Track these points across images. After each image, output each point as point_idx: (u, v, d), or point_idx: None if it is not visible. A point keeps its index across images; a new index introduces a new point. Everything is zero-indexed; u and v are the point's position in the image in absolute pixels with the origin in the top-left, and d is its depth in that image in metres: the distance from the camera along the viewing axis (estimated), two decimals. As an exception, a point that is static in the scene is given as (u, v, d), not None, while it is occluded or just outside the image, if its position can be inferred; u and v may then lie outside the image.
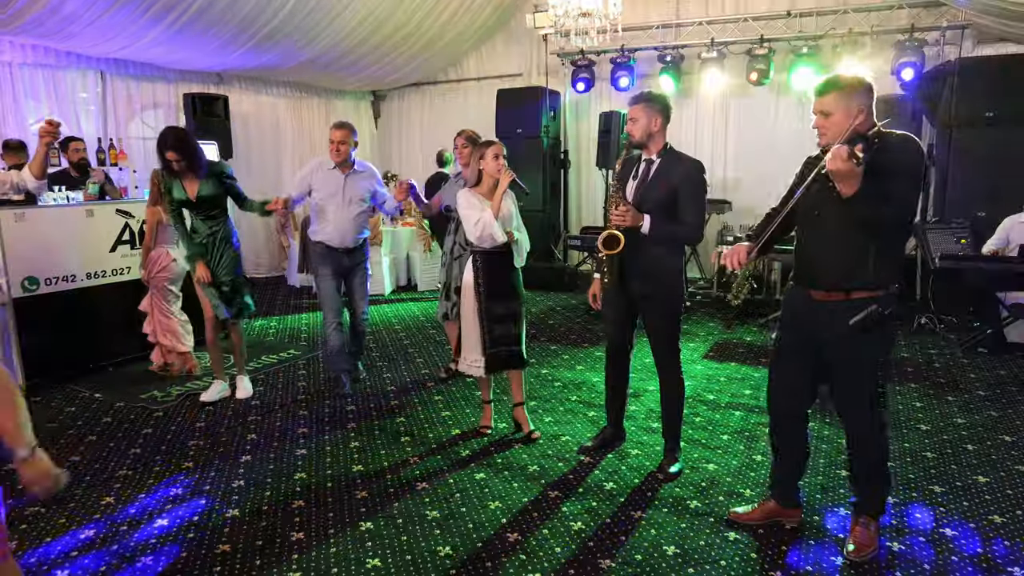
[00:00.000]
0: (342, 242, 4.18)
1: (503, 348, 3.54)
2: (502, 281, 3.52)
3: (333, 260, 4.20)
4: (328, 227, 4.17)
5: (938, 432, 3.76)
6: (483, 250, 3.48)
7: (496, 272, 3.51)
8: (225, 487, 3.15)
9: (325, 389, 4.51)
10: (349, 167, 4.18)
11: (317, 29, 7.27)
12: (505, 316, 3.53)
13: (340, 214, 4.15)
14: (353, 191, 4.18)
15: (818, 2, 7.41)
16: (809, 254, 2.49)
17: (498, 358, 3.56)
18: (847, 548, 2.57)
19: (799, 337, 2.56)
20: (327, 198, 4.15)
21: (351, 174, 4.20)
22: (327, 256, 4.20)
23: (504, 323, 3.53)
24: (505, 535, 2.74)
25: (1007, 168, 6.19)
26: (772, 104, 7.84)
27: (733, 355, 5.28)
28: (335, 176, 4.16)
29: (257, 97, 8.76)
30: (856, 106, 2.29)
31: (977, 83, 6.19)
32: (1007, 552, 2.62)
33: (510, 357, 3.57)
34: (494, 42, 9.42)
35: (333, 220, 4.15)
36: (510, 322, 3.54)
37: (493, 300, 3.51)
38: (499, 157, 3.43)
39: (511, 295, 3.54)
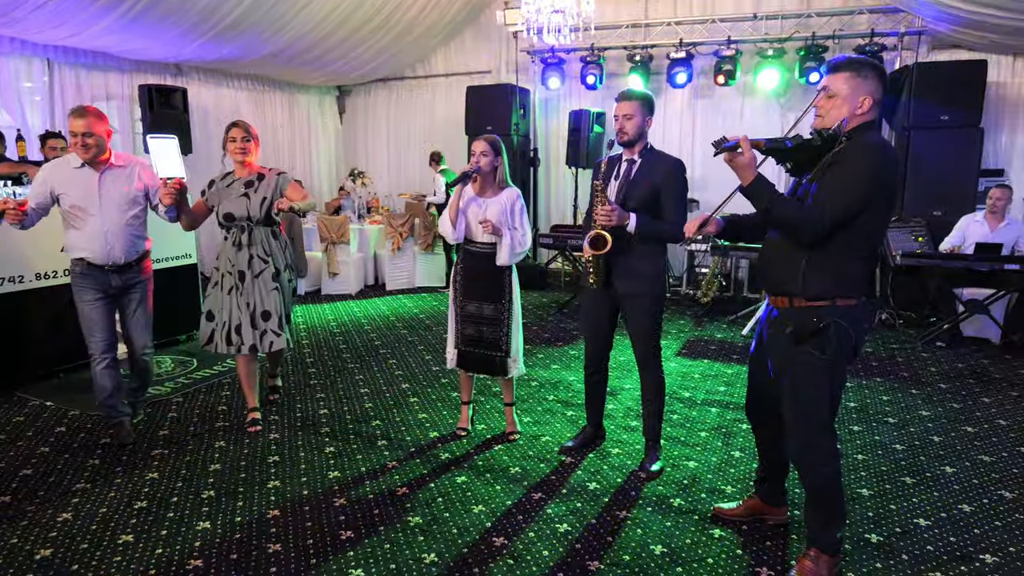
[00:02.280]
0: (108, 258, 3.40)
1: (475, 350, 3.50)
2: (479, 281, 3.46)
3: (97, 281, 3.43)
4: (86, 239, 3.37)
5: (905, 425, 3.85)
6: (464, 247, 3.48)
7: (471, 271, 3.47)
8: (195, 498, 3.02)
9: (296, 392, 4.39)
10: (105, 163, 3.41)
11: (281, 22, 7.08)
12: (478, 317, 3.47)
13: (101, 222, 3.37)
14: (114, 192, 3.41)
15: (782, 6, 7.55)
16: (761, 255, 2.48)
17: (468, 358, 3.53)
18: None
19: (762, 338, 2.54)
20: (79, 204, 3.35)
21: (108, 171, 3.41)
22: (88, 276, 3.42)
23: (477, 324, 3.47)
24: (491, 539, 2.69)
25: (960, 170, 6.43)
26: (738, 104, 7.97)
27: (705, 352, 5.34)
28: (85, 176, 3.37)
29: (217, 90, 8.50)
30: (863, 94, 2.17)
31: (932, 87, 6.40)
32: (978, 539, 2.69)
33: (482, 360, 3.51)
34: (463, 38, 9.34)
35: (92, 231, 3.37)
36: (485, 325, 3.46)
37: (467, 299, 3.48)
38: (474, 153, 3.40)
39: (488, 297, 3.45)
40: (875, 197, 2.13)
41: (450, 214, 3.40)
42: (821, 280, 2.21)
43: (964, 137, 6.40)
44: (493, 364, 3.50)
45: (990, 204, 5.46)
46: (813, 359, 2.25)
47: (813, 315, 2.22)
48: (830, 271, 2.20)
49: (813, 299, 2.23)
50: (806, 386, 2.29)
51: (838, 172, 2.14)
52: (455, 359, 3.56)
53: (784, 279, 2.29)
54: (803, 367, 2.28)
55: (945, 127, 6.40)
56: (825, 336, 2.21)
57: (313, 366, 4.95)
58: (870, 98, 2.18)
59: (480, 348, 3.49)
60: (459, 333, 3.52)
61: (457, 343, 3.54)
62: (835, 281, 2.20)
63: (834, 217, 2.12)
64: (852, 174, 2.12)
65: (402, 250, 7.70)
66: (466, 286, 3.48)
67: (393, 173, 10.21)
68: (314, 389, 4.45)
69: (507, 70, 8.97)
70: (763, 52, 7.33)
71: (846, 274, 2.21)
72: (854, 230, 2.16)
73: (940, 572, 2.48)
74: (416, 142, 9.94)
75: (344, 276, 7.49)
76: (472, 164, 3.37)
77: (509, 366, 3.48)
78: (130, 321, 3.60)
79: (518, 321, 3.49)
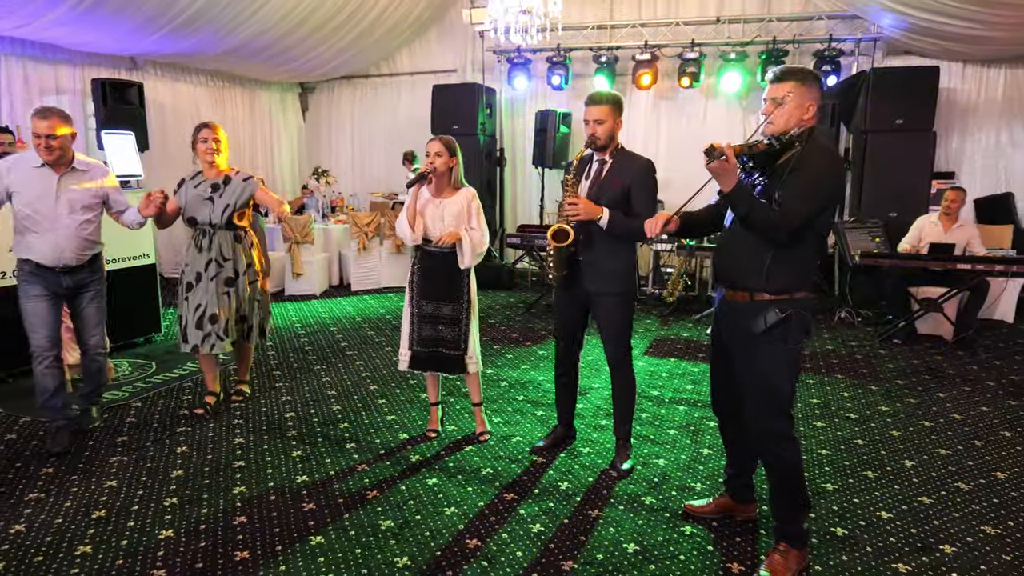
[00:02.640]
0: (58, 260, 3.29)
1: (435, 349, 3.48)
2: (436, 281, 3.44)
3: (47, 281, 3.31)
4: (36, 241, 3.26)
5: (866, 420, 3.96)
6: (420, 247, 3.45)
7: (430, 271, 3.45)
8: (156, 506, 2.92)
9: (260, 395, 4.29)
10: (66, 165, 3.31)
11: (240, 18, 6.91)
12: (436, 317, 3.45)
13: (53, 225, 3.26)
14: (72, 196, 3.31)
15: (744, 10, 7.69)
16: (719, 251, 2.54)
17: (424, 358, 3.50)
18: (759, 573, 2.45)
19: (720, 333, 2.60)
20: (33, 204, 3.24)
21: (68, 173, 3.31)
22: (37, 276, 3.30)
23: (434, 325, 3.46)
24: (464, 541, 2.67)
25: (915, 172, 6.65)
26: (702, 106, 8.09)
27: (672, 351, 5.40)
28: (43, 176, 3.26)
29: (175, 85, 8.25)
30: (809, 101, 2.31)
31: (888, 92, 6.60)
32: (937, 531, 2.77)
33: (441, 360, 3.49)
34: (428, 37, 9.28)
35: (44, 232, 3.26)
36: (443, 324, 3.45)
37: (424, 299, 3.46)
38: (429, 154, 3.37)
39: (446, 297, 3.43)
40: (832, 197, 2.33)
41: (408, 216, 3.37)
42: (784, 275, 2.32)
43: (918, 140, 6.61)
44: (452, 363, 3.49)
45: (945, 206, 5.64)
46: (776, 350, 2.35)
47: (775, 307, 2.32)
48: (791, 266, 2.33)
49: (776, 293, 2.33)
50: (771, 376, 2.38)
51: (802, 176, 2.25)
52: (408, 360, 3.52)
53: (746, 275, 2.37)
54: (767, 358, 2.37)
55: (900, 130, 6.61)
56: (788, 327, 2.32)
57: (278, 368, 4.85)
58: (814, 104, 2.32)
59: (440, 348, 3.48)
60: (415, 334, 3.49)
61: (412, 344, 3.50)
62: (795, 275, 2.34)
63: (804, 219, 2.24)
64: (816, 177, 2.25)
65: (368, 250, 7.60)
66: (424, 287, 3.45)
67: (357, 172, 10.08)
68: (279, 391, 4.36)
69: (473, 69, 8.94)
70: (726, 55, 7.46)
71: (804, 268, 2.38)
72: (812, 228, 2.31)
73: (903, 563, 2.55)
74: (381, 141, 9.83)
75: (308, 276, 7.36)
76: (427, 165, 3.34)
77: (468, 364, 3.50)
78: (82, 321, 3.50)
79: (476, 320, 3.52)
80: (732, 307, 2.45)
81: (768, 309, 2.32)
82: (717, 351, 2.66)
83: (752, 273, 2.34)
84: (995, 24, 5.83)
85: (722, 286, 2.53)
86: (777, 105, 2.32)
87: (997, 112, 7.26)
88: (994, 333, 5.84)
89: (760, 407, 2.41)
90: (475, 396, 3.69)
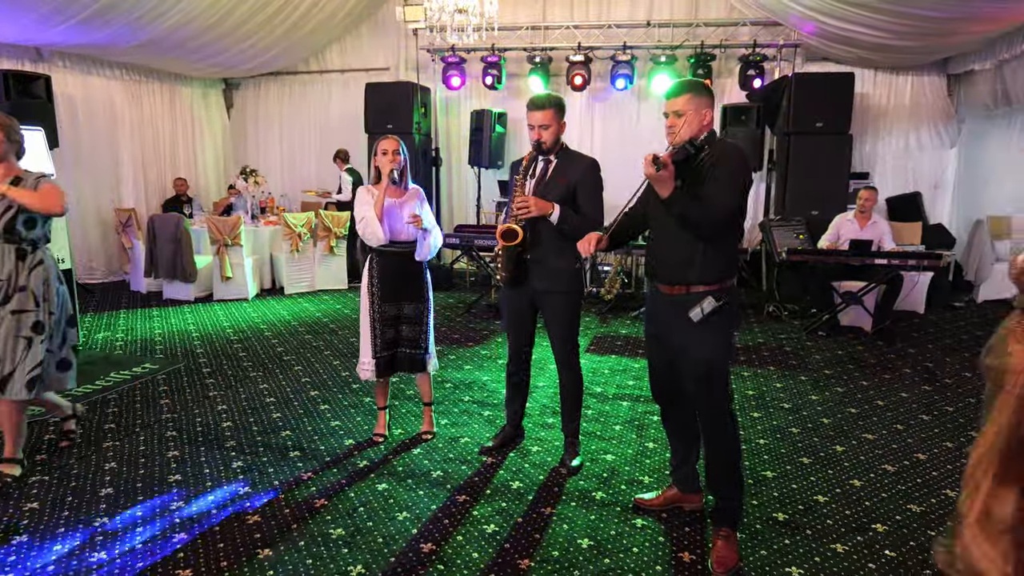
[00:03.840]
0: None
1: (397, 350, 3.46)
2: (397, 282, 3.40)
3: None
4: None
5: (798, 409, 4.15)
6: (379, 249, 3.37)
7: (390, 273, 3.39)
8: (85, 527, 2.73)
9: (194, 405, 4.09)
10: None
11: (160, 9, 6.57)
12: (397, 318, 3.43)
13: None
14: None
15: (672, 15, 7.92)
16: (653, 251, 2.64)
17: (387, 362, 3.46)
18: (709, 562, 2.52)
19: (658, 329, 2.68)
20: None
21: None
22: None
23: (396, 325, 3.44)
24: (418, 546, 2.63)
25: (834, 172, 7.01)
26: (635, 108, 8.28)
27: (612, 348, 5.50)
28: None
29: (86, 79, 7.76)
30: (704, 108, 2.48)
31: (809, 96, 6.94)
32: (869, 511, 2.93)
33: (399, 360, 3.47)
34: (360, 33, 9.10)
35: None
36: (405, 324, 3.45)
37: (386, 302, 3.40)
38: (387, 152, 3.32)
39: (407, 297, 3.43)
40: (747, 185, 2.55)
41: (376, 215, 3.28)
42: (716, 265, 2.48)
43: (836, 143, 6.98)
44: (413, 362, 3.48)
45: (860, 204, 5.98)
46: (717, 336, 2.49)
47: (711, 297, 2.46)
48: (722, 256, 2.51)
49: (711, 283, 2.48)
50: (713, 361, 2.51)
51: (723, 172, 2.43)
52: (373, 370, 3.43)
53: (683, 269, 2.50)
54: (709, 346, 2.50)
55: (820, 133, 6.96)
56: (724, 313, 2.47)
57: (211, 376, 4.63)
58: (709, 110, 2.51)
59: (400, 348, 3.46)
60: (378, 340, 3.41)
61: (376, 351, 3.42)
62: (726, 264, 2.52)
63: (733, 209, 2.45)
64: (735, 170, 2.45)
65: (301, 252, 7.38)
66: (386, 288, 3.40)
67: (287, 171, 9.78)
68: (214, 401, 4.16)
69: (406, 68, 8.83)
70: (656, 58, 7.66)
71: (733, 257, 2.57)
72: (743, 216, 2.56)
73: (840, 544, 2.68)
74: (311, 139, 9.57)
75: (238, 280, 7.07)
76: (396, 163, 3.31)
77: (428, 362, 3.52)
78: None
79: (433, 318, 3.54)
80: (670, 301, 2.54)
81: (705, 299, 2.46)
82: (653, 346, 2.74)
83: (687, 267, 2.48)
84: (902, 34, 6.23)
85: (656, 283, 2.63)
86: (679, 117, 2.49)
87: (905, 117, 7.78)
88: (908, 323, 6.24)
89: (706, 390, 2.54)
90: (426, 396, 3.67)
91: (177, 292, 7.07)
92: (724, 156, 2.45)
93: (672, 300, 2.53)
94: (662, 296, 2.58)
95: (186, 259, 6.89)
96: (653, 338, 2.72)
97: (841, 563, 2.55)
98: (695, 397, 2.60)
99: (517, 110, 8.31)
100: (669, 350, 2.62)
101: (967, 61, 6.97)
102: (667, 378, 2.72)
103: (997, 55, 6.24)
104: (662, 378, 2.75)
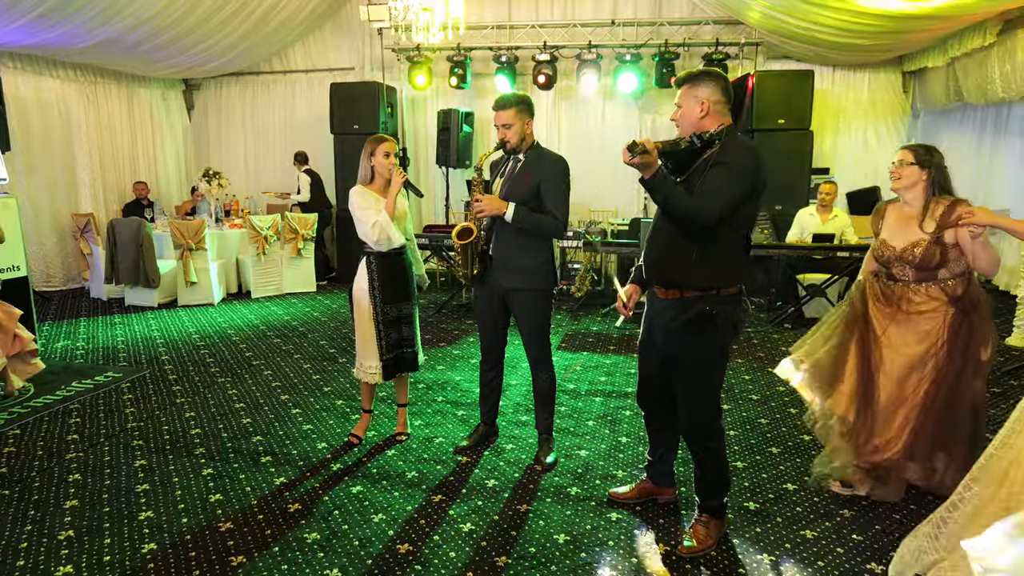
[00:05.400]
0: None
1: (396, 352, 3.45)
2: (398, 284, 3.41)
3: None
4: None
5: (767, 400, 4.23)
6: (378, 252, 3.34)
7: (391, 274, 3.38)
8: (49, 541, 2.66)
9: (161, 413, 4.00)
10: None
11: (115, 8, 6.39)
12: (399, 319, 3.43)
13: None
14: None
15: (636, 14, 8.00)
16: (648, 252, 2.59)
17: (393, 364, 3.45)
18: (683, 543, 2.58)
19: (652, 331, 2.67)
20: None
21: None
22: None
23: (397, 326, 3.43)
24: (395, 547, 2.62)
25: (796, 168, 7.16)
26: (601, 106, 8.34)
27: (584, 344, 5.54)
28: None
29: (39, 80, 7.51)
30: (703, 100, 2.37)
31: (771, 93, 7.07)
32: (836, 497, 3.01)
33: (403, 360, 3.49)
34: (323, 33, 8.99)
35: None
36: (404, 324, 3.45)
37: (387, 304, 3.38)
38: (390, 155, 3.29)
39: (404, 297, 3.44)
40: (753, 191, 2.35)
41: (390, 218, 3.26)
42: (710, 271, 2.39)
43: (797, 139, 7.13)
44: (412, 360, 3.52)
45: (821, 198, 6.12)
46: (706, 346, 2.44)
47: (704, 304, 2.39)
48: (716, 262, 2.39)
49: (703, 289, 2.40)
50: (700, 372, 2.48)
51: (721, 170, 2.31)
52: (381, 372, 3.39)
53: (675, 272, 2.45)
54: (697, 354, 2.47)
55: (782, 130, 7.11)
56: (715, 323, 2.39)
57: (178, 383, 4.54)
58: (706, 102, 2.38)
59: (404, 348, 3.48)
60: (383, 342, 3.37)
61: (383, 354, 3.38)
62: (721, 272, 2.40)
63: (722, 210, 2.28)
64: (735, 171, 2.31)
65: (268, 255, 7.26)
66: (387, 290, 3.37)
67: (252, 173, 9.61)
68: (181, 408, 4.08)
69: (372, 67, 8.76)
70: (621, 57, 7.72)
71: (729, 264, 2.42)
72: (733, 223, 2.36)
73: (809, 529, 2.75)
74: (277, 140, 9.42)
75: (203, 285, 6.93)
76: (391, 165, 3.28)
77: (419, 359, 3.56)
78: None
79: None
80: (663, 304, 2.52)
81: (696, 305, 2.40)
82: (646, 347, 2.72)
83: (680, 270, 2.42)
84: (858, 33, 6.39)
85: (653, 284, 2.59)
86: (679, 109, 2.44)
87: (863, 113, 7.98)
88: (868, 314, 6.40)
89: (692, 402, 2.53)
90: (402, 397, 3.66)
91: (140, 298, 6.90)
92: (728, 154, 2.31)
93: (665, 303, 2.51)
94: (658, 299, 2.57)
95: (148, 264, 6.73)
96: (647, 339, 2.69)
97: (810, 548, 2.62)
98: (680, 408, 2.58)
99: (484, 109, 8.30)
100: (661, 354, 2.61)
101: (921, 59, 7.18)
102: (656, 380, 2.70)
103: (949, 53, 6.44)
104: (650, 379, 2.74)
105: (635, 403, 4.04)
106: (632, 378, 4.61)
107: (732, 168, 2.31)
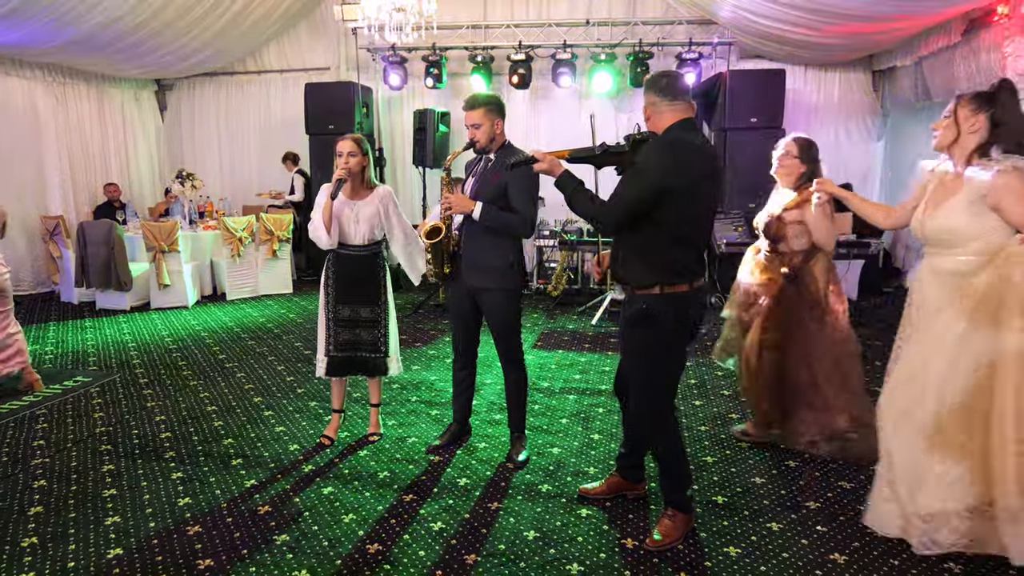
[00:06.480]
0: None
1: (353, 353, 3.44)
2: (350, 285, 3.39)
3: None
4: None
5: (737, 396, 4.27)
6: (336, 250, 3.37)
7: (345, 274, 3.38)
8: (12, 548, 2.62)
9: (130, 417, 3.95)
10: None
11: (84, 6, 6.30)
12: (354, 321, 3.41)
13: None
14: None
15: (611, 13, 8.04)
16: (612, 251, 2.67)
17: (342, 363, 3.44)
18: (651, 537, 2.61)
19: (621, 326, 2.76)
20: None
21: None
22: None
23: (353, 328, 3.41)
24: (364, 548, 2.62)
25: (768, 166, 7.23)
26: (576, 105, 8.37)
27: (559, 343, 5.56)
28: None
29: (5, 81, 7.37)
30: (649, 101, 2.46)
31: (743, 92, 7.15)
32: (803, 490, 3.06)
33: (360, 363, 3.47)
34: (298, 33, 8.92)
35: None
36: (362, 328, 3.42)
37: (340, 303, 3.39)
38: (342, 154, 3.29)
39: (360, 300, 3.41)
40: (665, 188, 2.31)
41: (323, 219, 3.25)
42: (644, 269, 2.46)
43: (770, 137, 7.17)
44: (373, 366, 3.47)
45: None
46: (645, 341, 2.52)
47: (643, 302, 2.47)
48: (648, 260, 2.45)
49: (642, 288, 2.47)
50: (640, 365, 2.57)
51: (629, 172, 2.44)
52: (325, 367, 3.43)
53: (618, 269, 2.58)
54: (637, 349, 2.57)
55: (754, 128, 7.18)
56: (651, 320, 2.45)
57: (148, 387, 4.49)
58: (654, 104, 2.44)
59: (359, 351, 3.44)
60: (332, 339, 3.41)
61: (328, 350, 3.41)
62: (656, 269, 2.44)
63: (626, 208, 2.37)
64: (638, 171, 2.39)
65: (243, 256, 7.20)
66: (340, 290, 3.38)
67: (227, 174, 9.50)
68: (152, 411, 4.04)
69: (347, 67, 8.71)
70: (596, 56, 7.76)
71: (666, 262, 2.43)
72: (659, 221, 2.38)
73: (775, 522, 2.79)
74: (251, 141, 9.33)
75: (177, 287, 6.85)
76: (343, 167, 3.26)
77: (390, 366, 3.50)
78: None
79: (394, 320, 3.51)
80: (627, 300, 2.62)
81: (636, 302, 2.49)
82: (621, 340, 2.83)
83: (620, 267, 2.55)
84: (827, 32, 6.48)
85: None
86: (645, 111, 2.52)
87: (834, 111, 8.09)
88: (839, 309, 6.50)
89: (636, 394, 2.62)
90: (374, 398, 3.66)
91: (111, 302, 6.80)
92: (640, 156, 2.41)
93: (625, 298, 2.62)
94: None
95: (120, 267, 6.64)
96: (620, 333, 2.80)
97: (776, 540, 2.66)
98: (631, 399, 2.69)
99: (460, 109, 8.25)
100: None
101: (890, 58, 7.29)
102: (623, 373, 2.82)
103: (916, 52, 6.55)
104: (622, 369, 2.84)
105: (609, 400, 4.10)
106: (607, 376, 4.65)
107: (637, 168, 2.40)
